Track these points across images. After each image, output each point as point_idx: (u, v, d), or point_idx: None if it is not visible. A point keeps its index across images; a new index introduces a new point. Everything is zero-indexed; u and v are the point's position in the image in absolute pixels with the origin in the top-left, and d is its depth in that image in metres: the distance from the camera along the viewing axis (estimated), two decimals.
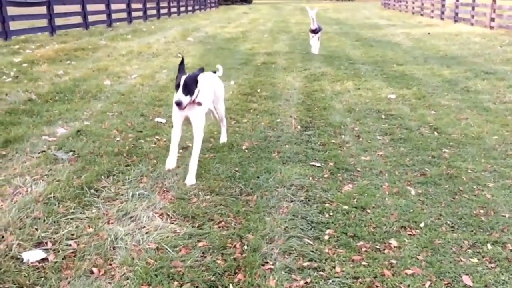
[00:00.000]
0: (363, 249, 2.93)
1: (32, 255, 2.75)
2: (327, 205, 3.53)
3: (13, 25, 12.27)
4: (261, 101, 6.74)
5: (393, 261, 2.81)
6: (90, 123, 5.41)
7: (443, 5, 23.40)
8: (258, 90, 7.45)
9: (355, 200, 3.61)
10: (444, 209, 3.48)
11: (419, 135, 5.22)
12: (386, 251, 2.92)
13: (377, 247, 2.97)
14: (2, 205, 3.36)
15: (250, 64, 10.18)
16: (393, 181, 3.99)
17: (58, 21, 14.47)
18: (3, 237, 2.94)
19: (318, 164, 4.35)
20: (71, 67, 9.03)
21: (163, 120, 5.61)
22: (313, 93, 7.31)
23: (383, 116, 6.00)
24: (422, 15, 26.72)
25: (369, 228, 3.19)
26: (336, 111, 6.24)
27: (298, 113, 6.13)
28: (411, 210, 3.45)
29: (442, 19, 23.03)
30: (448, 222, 3.30)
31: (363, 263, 2.79)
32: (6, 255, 2.75)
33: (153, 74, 8.60)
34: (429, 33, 16.79)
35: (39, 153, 4.42)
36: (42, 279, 2.57)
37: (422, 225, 3.24)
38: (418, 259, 2.84)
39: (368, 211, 3.44)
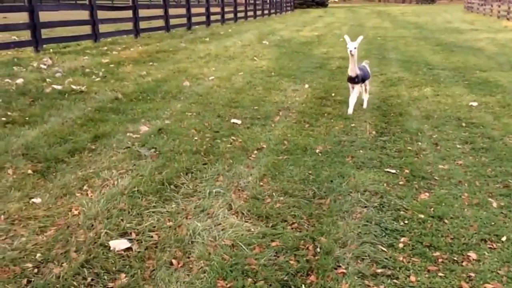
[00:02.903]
0: (440, 260, 2.86)
1: (118, 244, 2.95)
2: (402, 212, 3.48)
3: (102, 28, 13.09)
4: (335, 105, 6.72)
5: (472, 274, 2.72)
6: (171, 122, 5.66)
7: None
8: (333, 94, 7.42)
9: (432, 209, 3.52)
10: None
11: (503, 145, 4.98)
12: (464, 264, 2.83)
13: (455, 258, 2.88)
14: (92, 196, 3.62)
15: (325, 68, 10.16)
16: (473, 191, 3.84)
17: (142, 24, 15.24)
18: (92, 225, 3.17)
19: (393, 171, 4.28)
20: (153, 68, 9.48)
21: (239, 122, 5.76)
22: (389, 99, 7.18)
23: (464, 124, 5.77)
24: (508, 19, 25.23)
25: (447, 238, 3.11)
26: (413, 117, 6.09)
27: (373, 119, 6.05)
28: (492, 223, 3.31)
29: None
30: None
31: (440, 274, 2.73)
32: (95, 242, 2.97)
33: (229, 76, 8.82)
34: None
35: (124, 148, 4.70)
36: (127, 267, 2.75)
37: (504, 238, 3.10)
38: (498, 273, 2.73)
39: (446, 221, 3.34)
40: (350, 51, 6.03)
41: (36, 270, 2.68)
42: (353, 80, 6.19)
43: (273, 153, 4.68)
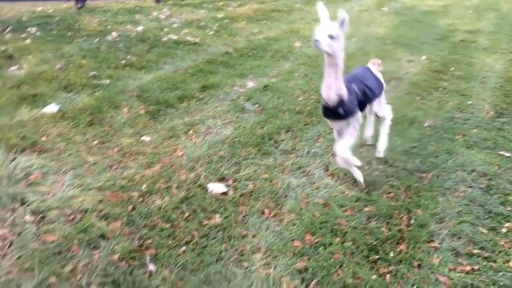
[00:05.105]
0: None
1: (216, 187, 3.10)
2: (510, 197, 3.22)
3: None
4: (452, 81, 6.28)
5: None
6: (277, 80, 5.70)
7: None
8: (451, 69, 6.93)
9: None
10: None
11: None
12: None
13: None
14: (195, 140, 3.81)
15: (447, 40, 9.48)
16: None
17: None
18: (193, 167, 3.36)
19: (508, 154, 3.95)
20: (266, 26, 9.52)
21: None
22: None
23: None
24: None
25: None
26: None
27: (493, 98, 5.58)
28: None
29: None
30: None
31: None
32: (195, 183, 3.15)
33: None
34: None
35: (230, 101, 4.85)
36: (222, 208, 2.89)
37: None
38: None
39: None
40: (318, 45, 2.60)
41: (141, 199, 2.92)
42: (332, 113, 2.93)
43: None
